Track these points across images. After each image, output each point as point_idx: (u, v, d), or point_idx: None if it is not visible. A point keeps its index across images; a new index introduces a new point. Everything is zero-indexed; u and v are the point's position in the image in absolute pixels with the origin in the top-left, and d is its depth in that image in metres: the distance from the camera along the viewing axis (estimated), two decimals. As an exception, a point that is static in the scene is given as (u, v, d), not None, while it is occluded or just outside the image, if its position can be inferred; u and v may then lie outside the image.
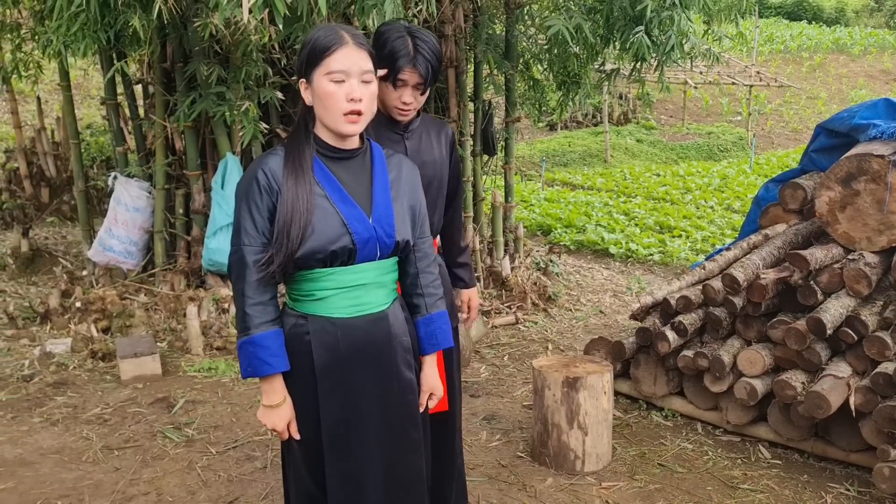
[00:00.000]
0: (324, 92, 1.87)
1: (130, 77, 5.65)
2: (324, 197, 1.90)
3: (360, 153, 2.00)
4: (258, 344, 1.88)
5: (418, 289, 2.10)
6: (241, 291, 1.89)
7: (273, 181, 1.88)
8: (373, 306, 1.97)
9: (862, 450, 3.36)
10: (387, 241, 1.95)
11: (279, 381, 1.93)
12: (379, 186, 1.98)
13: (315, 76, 1.88)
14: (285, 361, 1.92)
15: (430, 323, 2.11)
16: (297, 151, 1.91)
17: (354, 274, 1.93)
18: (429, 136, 2.57)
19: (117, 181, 5.44)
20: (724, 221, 9.10)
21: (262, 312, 1.89)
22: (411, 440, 2.06)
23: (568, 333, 5.42)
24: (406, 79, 2.33)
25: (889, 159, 3.36)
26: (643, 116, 18.04)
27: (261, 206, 1.88)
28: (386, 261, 1.99)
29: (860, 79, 23.20)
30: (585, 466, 3.39)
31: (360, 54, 1.88)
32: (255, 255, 1.87)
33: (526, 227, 8.27)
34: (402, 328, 2.03)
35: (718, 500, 3.19)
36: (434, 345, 2.13)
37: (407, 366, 2.04)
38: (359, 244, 1.90)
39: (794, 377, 3.40)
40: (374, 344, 1.97)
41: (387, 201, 1.97)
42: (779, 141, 17.77)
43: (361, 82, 1.88)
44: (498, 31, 6.08)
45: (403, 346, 2.03)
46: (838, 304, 3.35)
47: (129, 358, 4.35)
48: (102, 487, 3.23)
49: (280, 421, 1.95)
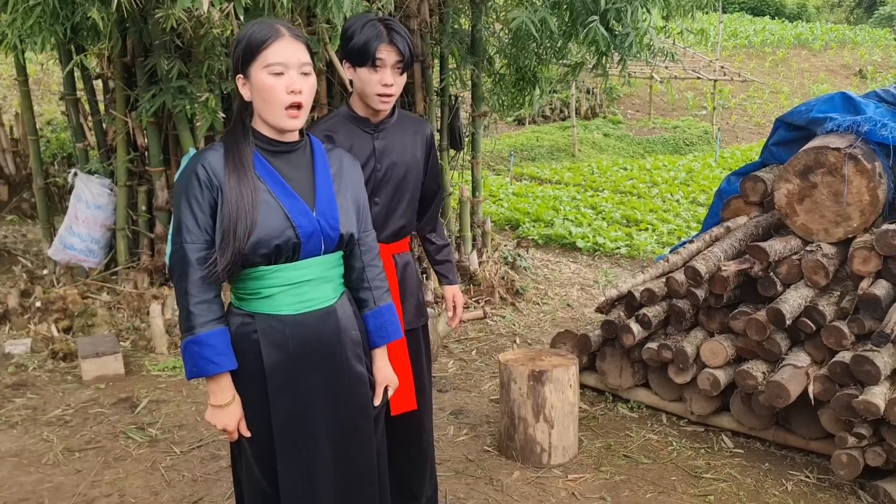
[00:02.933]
0: (263, 85, 1.85)
1: (90, 72, 5.54)
2: (266, 191, 1.88)
3: (301, 146, 1.99)
4: (204, 343, 1.84)
5: (365, 283, 2.10)
6: (184, 290, 1.84)
7: (213, 177, 1.85)
8: (320, 302, 1.96)
9: (821, 437, 3.42)
10: (331, 234, 1.93)
11: (227, 379, 1.90)
12: (321, 180, 1.97)
13: (253, 70, 1.86)
14: (232, 360, 1.89)
15: (378, 316, 2.11)
16: (235, 147, 1.89)
17: (299, 270, 1.92)
18: (402, 135, 2.53)
19: (78, 178, 5.34)
20: (689, 214, 9.21)
21: (207, 311, 1.85)
22: (363, 433, 2.05)
23: (535, 327, 5.44)
24: (384, 57, 2.31)
25: (845, 152, 3.42)
26: (610, 111, 18.18)
27: (202, 202, 1.84)
28: (331, 255, 1.98)
29: (821, 73, 23.61)
30: (552, 459, 3.42)
31: (297, 46, 1.87)
32: (197, 253, 1.84)
33: (494, 221, 8.29)
34: (350, 322, 2.03)
35: (682, 489, 3.24)
36: (384, 337, 2.13)
37: (357, 359, 2.04)
38: (303, 238, 1.88)
39: (756, 367, 3.46)
40: (323, 339, 1.96)
41: (330, 195, 1.96)
42: (743, 135, 18.03)
43: (301, 74, 1.87)
44: (464, 25, 6.07)
45: (353, 340, 2.03)
46: (797, 295, 3.41)
47: (90, 358, 4.28)
48: (63, 490, 3.17)
49: (231, 420, 1.91)
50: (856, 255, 3.35)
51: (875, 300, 3.22)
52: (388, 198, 2.52)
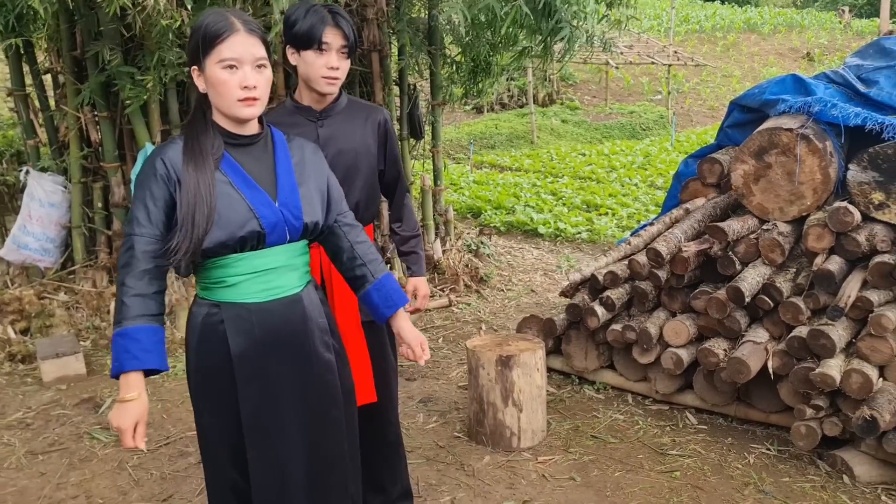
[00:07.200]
0: (216, 80, 1.83)
1: (39, 66, 5.39)
2: (227, 183, 1.86)
3: (262, 138, 1.98)
4: (130, 336, 1.78)
5: (358, 259, 2.10)
6: (122, 281, 1.81)
7: (172, 171, 1.84)
8: (286, 289, 1.96)
9: (780, 410, 3.53)
10: (295, 223, 1.93)
11: (137, 376, 1.81)
12: (283, 170, 1.96)
13: (207, 64, 1.84)
14: (157, 359, 1.81)
15: (381, 288, 2.11)
16: (195, 138, 1.87)
17: (265, 258, 1.91)
18: (352, 122, 2.52)
19: (30, 176, 5.20)
20: (647, 198, 9.34)
21: (141, 305, 1.79)
22: (332, 419, 2.05)
23: (501, 313, 5.48)
24: (330, 41, 2.32)
25: (797, 132, 3.51)
26: (567, 97, 18.29)
27: (156, 196, 1.83)
28: (296, 244, 1.97)
29: (771, 56, 24.07)
30: (521, 442, 3.46)
31: (251, 40, 1.85)
32: (145, 246, 1.81)
33: (456, 210, 8.30)
34: (317, 310, 2.03)
35: (649, 466, 3.30)
36: (391, 307, 2.13)
37: (325, 346, 2.03)
38: (267, 228, 1.87)
39: (717, 345, 3.54)
40: (290, 327, 1.96)
41: (292, 184, 1.95)
42: (697, 118, 18.31)
43: (255, 68, 1.85)
44: (420, 14, 6.05)
45: (320, 328, 2.02)
46: (755, 273, 3.49)
47: (50, 359, 4.19)
48: (28, 493, 3.12)
49: (126, 419, 1.80)
50: (810, 232, 3.44)
51: (829, 276, 3.31)
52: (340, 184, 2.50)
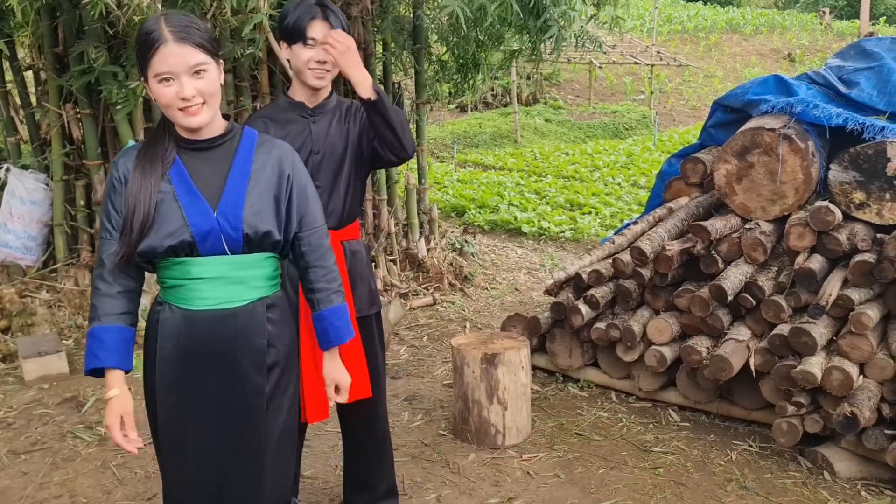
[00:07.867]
0: (156, 94, 1.81)
1: (20, 63, 5.34)
2: (169, 191, 1.85)
3: (224, 142, 1.93)
4: (94, 336, 1.87)
5: (309, 284, 2.06)
6: (93, 284, 1.90)
7: (127, 174, 1.86)
8: (219, 302, 1.88)
9: (762, 408, 3.57)
10: (232, 233, 1.85)
11: (113, 375, 1.88)
12: (235, 177, 1.89)
13: (148, 77, 1.81)
14: (118, 358, 1.87)
15: (319, 321, 2.07)
16: (151, 144, 1.89)
17: (200, 266, 1.86)
18: (340, 118, 2.53)
19: (10, 174, 5.15)
20: (631, 197, 9.40)
21: (108, 305, 1.87)
22: (248, 445, 1.95)
23: (485, 312, 5.50)
24: (317, 36, 2.32)
25: (779, 132, 3.55)
26: (551, 97, 18.35)
27: (115, 200, 1.87)
28: (243, 256, 1.89)
29: (752, 57, 24.25)
30: (506, 440, 3.47)
31: (183, 49, 1.77)
32: (109, 249, 1.87)
33: (440, 208, 8.31)
34: (256, 330, 1.92)
35: (633, 463, 3.33)
36: (326, 342, 2.08)
37: (256, 369, 1.93)
38: (198, 238, 1.83)
39: (700, 343, 3.57)
40: (218, 341, 1.89)
41: (239, 192, 1.87)
42: (680, 118, 18.42)
43: (193, 75, 1.79)
44: (405, 12, 6.04)
45: (254, 348, 1.92)
46: (737, 272, 3.53)
47: (32, 358, 4.15)
48: (10, 493, 3.09)
49: (110, 415, 1.90)
50: (791, 231, 3.48)
51: (811, 274, 3.36)
52: (329, 181, 2.51)
